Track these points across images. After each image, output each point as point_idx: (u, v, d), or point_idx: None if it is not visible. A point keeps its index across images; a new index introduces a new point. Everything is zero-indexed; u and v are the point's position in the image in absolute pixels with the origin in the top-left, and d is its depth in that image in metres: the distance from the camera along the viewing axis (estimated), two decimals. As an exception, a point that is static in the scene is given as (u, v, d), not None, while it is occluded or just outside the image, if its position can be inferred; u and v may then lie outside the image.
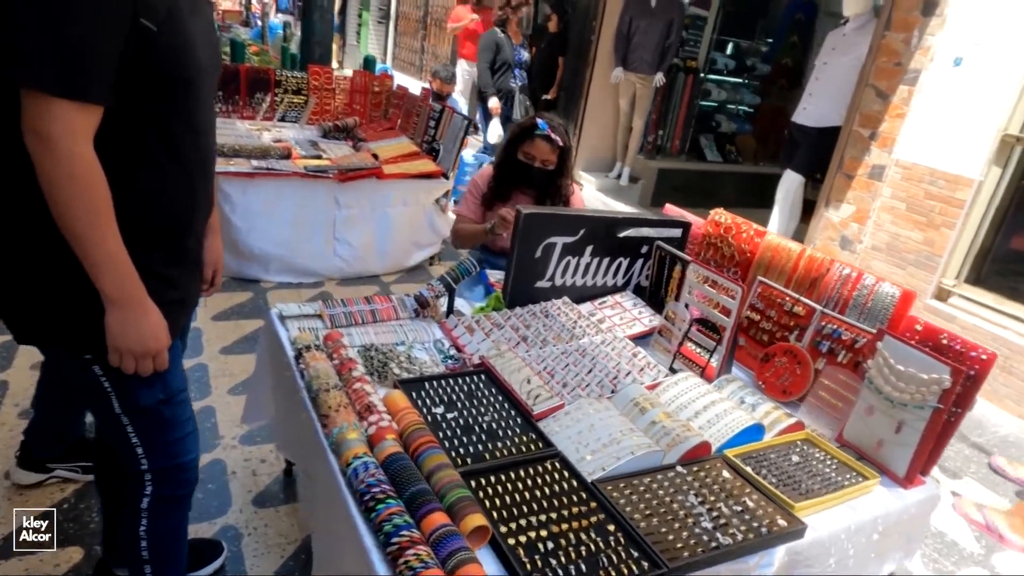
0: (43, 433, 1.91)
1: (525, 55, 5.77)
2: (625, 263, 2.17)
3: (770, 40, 7.39)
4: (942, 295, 3.60)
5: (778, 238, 2.03)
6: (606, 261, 2.14)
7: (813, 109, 4.30)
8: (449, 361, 1.77)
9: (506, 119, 5.62)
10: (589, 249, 2.09)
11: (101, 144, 1.03)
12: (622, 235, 2.11)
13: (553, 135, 2.36)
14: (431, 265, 4.04)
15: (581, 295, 2.14)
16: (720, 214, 2.20)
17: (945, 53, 3.47)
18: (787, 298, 1.88)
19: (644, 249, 2.17)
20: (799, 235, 4.58)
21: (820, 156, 4.26)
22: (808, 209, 5.11)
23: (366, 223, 3.60)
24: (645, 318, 2.07)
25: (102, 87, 1.00)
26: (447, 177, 3.83)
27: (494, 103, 5.61)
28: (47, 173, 0.99)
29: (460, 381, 1.64)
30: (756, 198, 7.47)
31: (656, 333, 2.01)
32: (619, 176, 6.44)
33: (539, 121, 2.36)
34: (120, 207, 1.06)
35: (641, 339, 1.99)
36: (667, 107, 6.64)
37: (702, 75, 6.76)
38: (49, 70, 0.95)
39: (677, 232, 2.20)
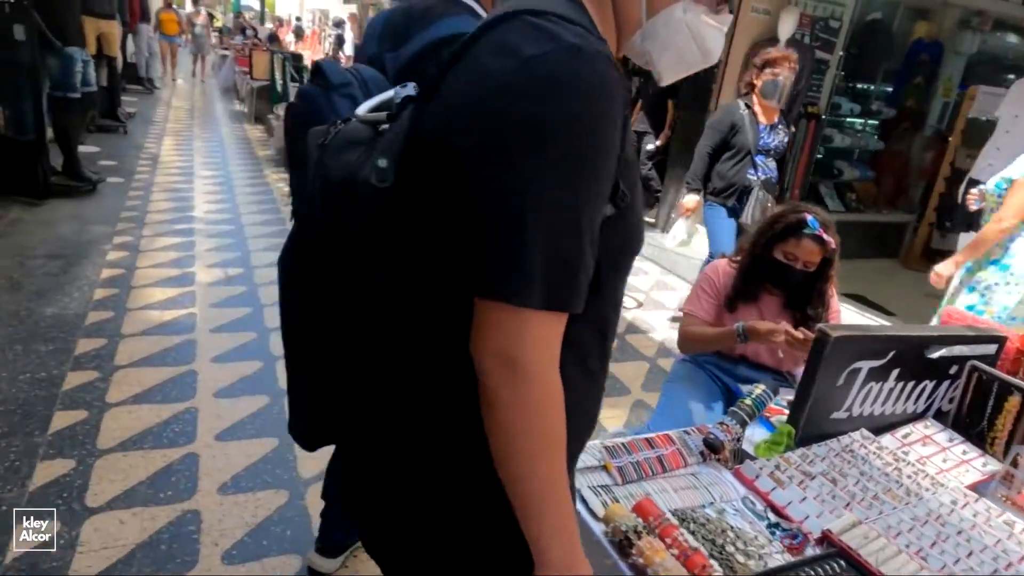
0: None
1: (781, 138, 4.03)
2: (930, 386, 1.82)
3: (890, 83, 6.98)
4: None
5: None
6: (911, 385, 1.79)
7: (1002, 166, 3.86)
8: (778, 532, 1.43)
9: (731, 212, 4.01)
10: (895, 373, 1.74)
11: None
12: (934, 356, 1.76)
13: (825, 236, 2.02)
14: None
15: (878, 425, 1.79)
16: (1047, 327, 1.82)
17: None
18: None
19: (953, 369, 1.81)
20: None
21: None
22: (932, 259, 4.77)
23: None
24: (973, 460, 1.70)
25: (583, 290, 0.72)
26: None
27: (690, 200, 4.09)
28: (509, 406, 0.70)
29: (819, 572, 1.30)
30: (878, 248, 7.02)
31: (996, 481, 1.64)
32: (739, 229, 6.06)
33: (809, 218, 2.02)
34: None
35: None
36: (788, 155, 6.28)
37: (824, 118, 6.39)
38: (536, 277, 0.67)
39: (991, 349, 1.83)
